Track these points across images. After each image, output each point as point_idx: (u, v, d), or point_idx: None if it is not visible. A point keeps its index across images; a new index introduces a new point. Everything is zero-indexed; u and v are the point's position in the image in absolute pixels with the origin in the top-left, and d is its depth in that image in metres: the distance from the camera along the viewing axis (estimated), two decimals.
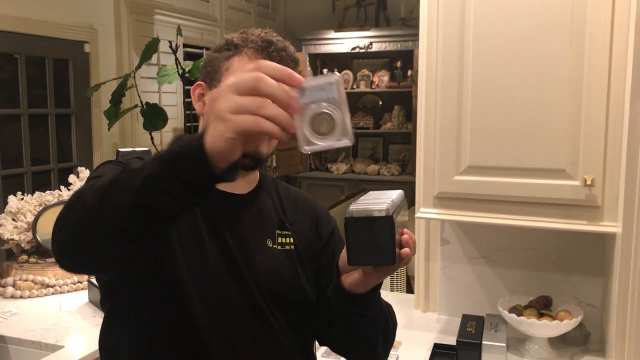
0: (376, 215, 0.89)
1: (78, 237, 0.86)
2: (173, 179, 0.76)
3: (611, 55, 1.57)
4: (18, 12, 3.03)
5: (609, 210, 1.62)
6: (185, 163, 0.75)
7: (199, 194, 0.78)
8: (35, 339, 1.85)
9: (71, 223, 0.86)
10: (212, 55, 1.18)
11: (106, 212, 0.81)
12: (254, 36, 1.14)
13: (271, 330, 1.12)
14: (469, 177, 1.75)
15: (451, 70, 1.74)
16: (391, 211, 0.89)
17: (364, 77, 5.78)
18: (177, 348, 1.05)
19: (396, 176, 5.70)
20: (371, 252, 0.91)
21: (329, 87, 0.74)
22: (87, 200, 0.84)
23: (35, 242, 2.35)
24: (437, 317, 2.14)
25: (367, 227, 0.89)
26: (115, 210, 0.80)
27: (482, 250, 2.07)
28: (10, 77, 3.13)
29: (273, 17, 5.88)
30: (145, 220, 0.80)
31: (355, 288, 1.05)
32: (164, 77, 3.33)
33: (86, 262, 0.91)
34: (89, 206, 0.83)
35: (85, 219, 0.84)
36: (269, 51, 1.13)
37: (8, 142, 3.13)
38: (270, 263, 1.14)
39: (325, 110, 0.74)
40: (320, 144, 0.75)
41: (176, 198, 0.77)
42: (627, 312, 1.53)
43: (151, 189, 0.77)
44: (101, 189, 0.83)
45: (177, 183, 0.76)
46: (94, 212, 0.82)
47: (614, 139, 1.59)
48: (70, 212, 0.86)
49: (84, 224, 0.84)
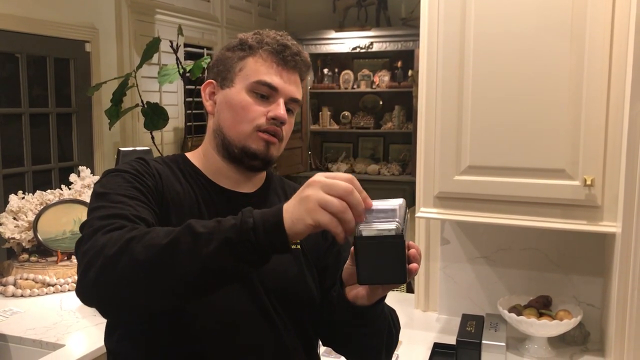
0: (386, 234, 0.87)
1: (124, 290, 0.88)
2: (251, 248, 0.84)
3: (611, 56, 1.57)
4: (19, 12, 3.03)
5: (609, 210, 1.62)
6: (262, 234, 0.84)
7: (267, 261, 0.87)
8: (36, 338, 1.85)
9: (118, 276, 0.87)
10: (225, 54, 1.17)
11: (169, 272, 0.85)
12: (269, 38, 1.14)
13: (276, 330, 1.12)
14: (469, 177, 1.75)
15: (451, 70, 1.74)
16: (401, 229, 0.87)
17: (364, 77, 5.78)
18: (180, 346, 1.06)
19: (396, 176, 5.70)
20: (381, 271, 0.90)
21: (391, 212, 0.89)
22: (139, 256, 0.86)
23: (36, 241, 2.36)
24: (437, 316, 2.14)
25: (377, 246, 0.87)
26: (180, 272, 0.85)
27: (482, 250, 2.07)
28: (11, 77, 3.13)
29: (274, 16, 5.88)
30: (210, 281, 0.87)
31: (359, 301, 1.05)
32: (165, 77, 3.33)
33: (119, 307, 0.93)
34: (143, 264, 0.85)
35: (138, 275, 0.86)
36: (284, 55, 1.13)
37: (9, 141, 3.13)
38: (277, 263, 1.13)
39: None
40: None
41: (250, 264, 0.86)
42: (626, 312, 1.53)
43: (227, 255, 0.84)
44: (157, 247, 0.85)
45: (254, 251, 0.85)
46: (151, 271, 0.85)
47: (614, 139, 1.59)
48: (114, 263, 0.87)
49: (136, 279, 0.86)
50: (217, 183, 1.17)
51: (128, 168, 1.10)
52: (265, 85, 1.12)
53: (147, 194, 1.06)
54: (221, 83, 1.16)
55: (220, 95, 1.16)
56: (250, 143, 1.12)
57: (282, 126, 1.13)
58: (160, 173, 1.12)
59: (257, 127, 1.12)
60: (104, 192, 1.04)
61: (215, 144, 1.17)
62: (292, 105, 1.16)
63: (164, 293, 0.87)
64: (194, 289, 0.87)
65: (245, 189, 1.19)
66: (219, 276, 0.87)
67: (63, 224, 2.40)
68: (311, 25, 5.75)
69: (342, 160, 6.05)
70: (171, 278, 0.85)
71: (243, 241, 0.84)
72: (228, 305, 1.08)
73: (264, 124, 1.12)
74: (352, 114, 5.96)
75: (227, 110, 1.14)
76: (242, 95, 1.12)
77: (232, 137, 1.13)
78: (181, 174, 1.16)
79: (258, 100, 1.12)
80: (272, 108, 1.12)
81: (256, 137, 1.12)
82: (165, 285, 0.86)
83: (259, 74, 1.12)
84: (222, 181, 1.17)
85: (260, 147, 1.12)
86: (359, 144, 6.11)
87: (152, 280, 0.86)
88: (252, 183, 1.20)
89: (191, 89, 3.80)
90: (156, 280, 0.86)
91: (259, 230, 0.84)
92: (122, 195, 1.02)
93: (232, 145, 1.13)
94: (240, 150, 1.13)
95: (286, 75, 1.14)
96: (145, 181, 1.08)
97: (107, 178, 1.09)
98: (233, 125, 1.13)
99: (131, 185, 1.06)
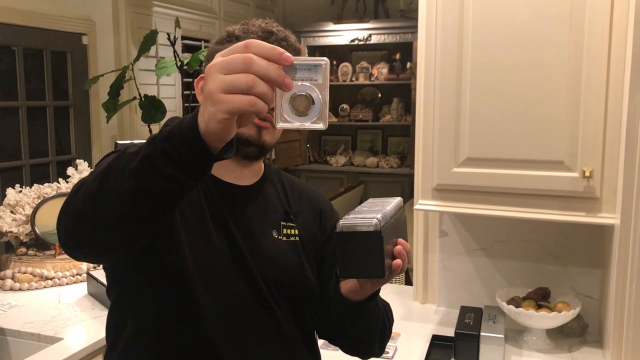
0: (364, 230, 0.89)
1: (81, 221, 0.87)
2: (168, 160, 0.76)
3: (610, 46, 1.57)
4: (16, 4, 3.01)
5: (608, 201, 1.62)
6: (179, 143, 0.75)
7: (196, 175, 0.78)
8: (34, 331, 1.85)
9: (74, 208, 0.87)
10: (214, 48, 1.17)
11: (107, 196, 0.82)
12: (255, 27, 1.14)
13: (275, 320, 1.12)
14: (468, 169, 1.75)
15: (450, 61, 1.73)
16: (380, 226, 0.89)
17: (363, 70, 5.76)
18: (181, 336, 1.06)
19: (395, 169, 5.70)
20: (359, 265, 0.92)
21: (315, 69, 0.73)
22: (89, 185, 0.85)
23: (34, 234, 2.35)
24: (436, 308, 2.15)
25: (355, 241, 0.90)
26: (114, 194, 0.81)
27: (481, 242, 2.07)
28: (8, 69, 3.11)
29: (272, 8, 5.86)
30: (144, 202, 0.80)
31: (352, 295, 1.08)
32: (163, 70, 3.32)
33: (90, 246, 0.91)
34: (90, 191, 0.84)
35: (87, 204, 0.85)
36: (269, 41, 1.12)
37: (6, 135, 3.13)
38: (276, 254, 1.15)
39: (308, 92, 0.73)
40: (295, 123, 0.74)
41: (173, 179, 0.77)
42: (625, 304, 1.54)
43: (148, 171, 0.77)
44: (100, 174, 0.84)
45: (172, 164, 0.76)
46: (96, 197, 0.83)
47: (613, 131, 1.59)
48: (74, 198, 0.88)
49: (87, 208, 0.85)
50: (216, 176, 1.17)
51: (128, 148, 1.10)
52: None
53: None
54: None
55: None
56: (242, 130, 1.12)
57: (272, 112, 1.13)
58: None
59: None
60: (98, 165, 1.02)
61: None
62: None
63: (111, 220, 0.83)
64: (133, 213, 0.82)
65: (244, 181, 1.19)
66: (150, 196, 0.80)
67: None
68: (309, 17, 5.74)
69: (340, 153, 6.05)
70: (111, 202, 0.81)
71: (159, 153, 0.76)
72: (227, 296, 1.08)
73: None
74: (351, 107, 5.96)
75: None
76: None
77: None
78: None
79: None
80: None
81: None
82: (108, 211, 0.82)
83: None
84: (220, 174, 1.17)
85: (252, 132, 1.12)
86: (357, 136, 6.11)
87: (98, 207, 0.83)
88: (250, 175, 1.20)
89: (189, 82, 3.79)
90: (100, 206, 0.83)
91: (174, 139, 0.76)
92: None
93: None
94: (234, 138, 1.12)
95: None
96: None
97: (107, 156, 1.07)
98: None
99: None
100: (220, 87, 0.71)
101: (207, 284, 1.06)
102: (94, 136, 3.64)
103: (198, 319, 1.06)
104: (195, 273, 1.05)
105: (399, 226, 1.03)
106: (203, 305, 1.05)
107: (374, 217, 0.89)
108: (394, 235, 0.98)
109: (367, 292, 1.06)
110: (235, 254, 1.10)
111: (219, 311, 1.07)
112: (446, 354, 1.78)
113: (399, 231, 1.02)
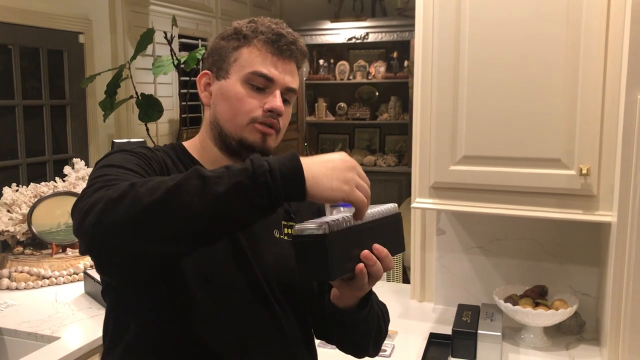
0: (310, 233, 0.92)
1: (121, 230, 0.83)
2: (266, 192, 0.83)
3: (607, 43, 1.57)
4: (12, 3, 3.00)
5: (605, 199, 1.62)
6: (280, 179, 0.84)
7: (274, 210, 0.86)
8: (31, 331, 1.84)
9: (120, 216, 0.83)
10: (219, 44, 1.15)
11: (172, 212, 0.82)
12: (264, 27, 1.12)
13: (276, 320, 1.12)
14: (465, 167, 1.75)
15: (447, 59, 1.73)
16: (328, 229, 0.91)
17: (360, 68, 5.76)
18: (182, 336, 1.05)
19: (393, 167, 5.70)
20: (310, 268, 0.94)
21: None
22: (143, 197, 0.82)
23: (31, 233, 2.35)
24: (433, 306, 2.15)
25: (305, 244, 0.93)
26: (184, 212, 0.81)
27: (478, 240, 2.07)
28: (4, 68, 3.10)
29: (269, 7, 5.85)
30: (217, 225, 0.84)
31: (337, 302, 1.10)
32: (159, 68, 3.31)
33: (116, 252, 0.86)
34: (147, 203, 0.82)
35: (140, 215, 0.82)
36: (279, 45, 1.11)
37: (3, 134, 3.12)
38: (278, 253, 1.15)
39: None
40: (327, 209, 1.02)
41: (261, 210, 0.84)
42: (622, 301, 1.54)
43: (239, 197, 0.82)
44: (162, 189, 0.82)
45: (269, 197, 0.83)
46: (155, 210, 0.82)
47: (610, 128, 1.59)
48: (116, 204, 0.83)
49: (136, 219, 0.82)
50: None
51: (135, 149, 1.09)
52: (261, 77, 1.10)
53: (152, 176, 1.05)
54: (216, 74, 1.15)
55: (215, 87, 1.15)
56: (247, 135, 1.11)
57: (278, 118, 1.13)
58: (166, 161, 1.12)
59: (253, 120, 1.11)
60: (109, 164, 1.01)
61: (212, 135, 1.16)
62: (289, 95, 1.15)
63: (164, 237, 0.83)
64: (194, 234, 0.84)
65: None
66: (223, 221, 0.84)
67: (57, 216, 2.39)
68: (306, 16, 5.73)
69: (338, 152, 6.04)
70: (175, 219, 0.81)
71: (257, 183, 0.83)
72: (228, 295, 1.07)
73: (260, 116, 1.11)
74: (348, 105, 5.95)
75: (223, 102, 1.13)
76: (237, 87, 1.11)
77: (229, 129, 1.12)
78: (181, 164, 1.15)
79: (254, 92, 1.11)
80: (268, 100, 1.11)
81: (252, 129, 1.11)
82: (167, 228, 0.82)
83: (254, 64, 1.11)
84: None
85: (257, 139, 1.11)
86: (355, 135, 6.11)
87: (154, 222, 0.82)
88: None
89: (186, 81, 3.78)
90: (158, 221, 0.82)
91: (275, 173, 0.84)
92: (128, 170, 1.00)
93: (229, 138, 1.13)
94: (237, 142, 1.12)
95: (282, 65, 1.12)
96: (152, 165, 1.08)
97: (113, 155, 1.06)
98: (229, 118, 1.12)
99: (137, 164, 1.04)
100: (357, 181, 0.91)
101: (207, 282, 1.06)
102: (90, 135, 3.63)
103: (199, 319, 1.05)
104: (196, 273, 1.05)
105: (382, 231, 1.02)
106: (202, 303, 1.05)
107: (325, 222, 0.92)
108: (371, 240, 0.98)
109: (347, 299, 1.08)
110: (237, 253, 1.09)
111: (218, 310, 1.07)
112: (444, 352, 1.78)
113: (383, 236, 1.01)
